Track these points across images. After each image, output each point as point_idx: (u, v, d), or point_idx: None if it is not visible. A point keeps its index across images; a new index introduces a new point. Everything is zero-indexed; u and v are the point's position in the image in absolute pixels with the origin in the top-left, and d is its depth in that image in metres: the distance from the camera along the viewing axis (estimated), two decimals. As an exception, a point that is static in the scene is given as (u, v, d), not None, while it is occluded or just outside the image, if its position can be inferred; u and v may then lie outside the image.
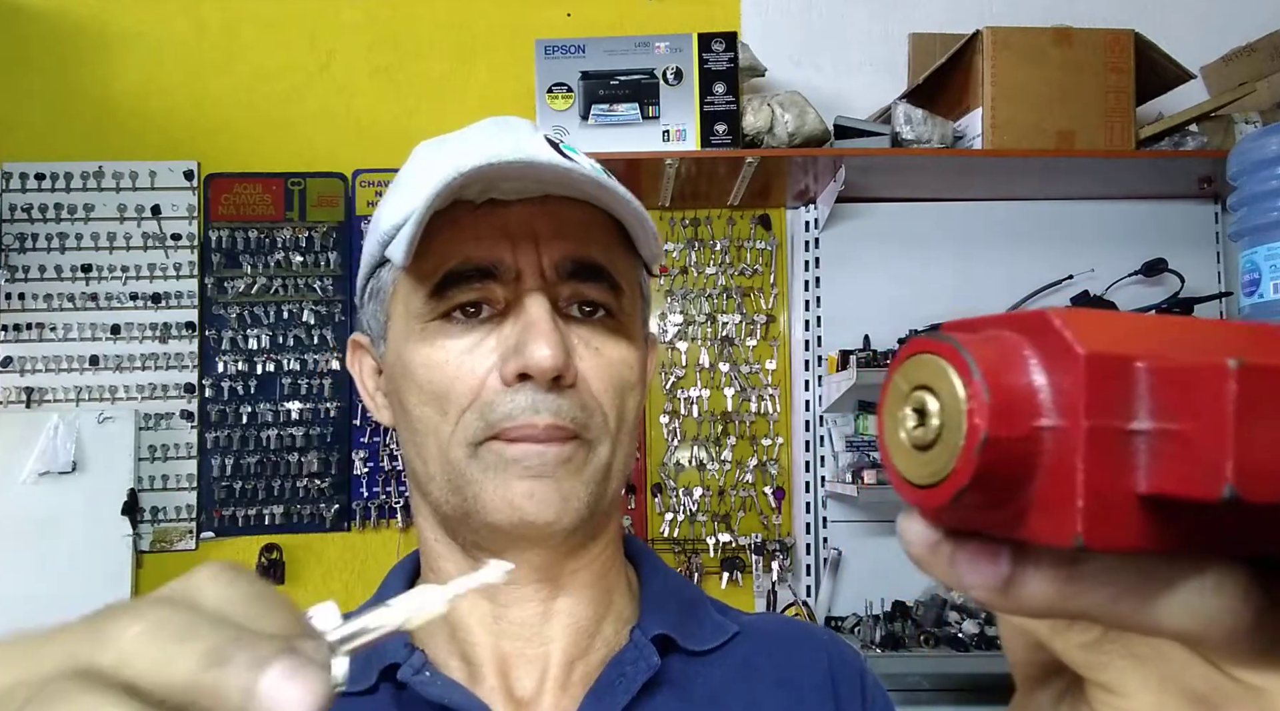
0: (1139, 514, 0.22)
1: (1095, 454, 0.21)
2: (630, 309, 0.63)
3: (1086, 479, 0.21)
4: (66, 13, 2.16)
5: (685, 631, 0.63)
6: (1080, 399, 0.22)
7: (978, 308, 2.06)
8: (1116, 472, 0.22)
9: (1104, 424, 0.22)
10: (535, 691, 0.60)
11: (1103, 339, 0.22)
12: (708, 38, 1.91)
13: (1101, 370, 0.22)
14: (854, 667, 0.67)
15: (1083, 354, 0.22)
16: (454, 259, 0.59)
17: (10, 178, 2.11)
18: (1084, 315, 0.23)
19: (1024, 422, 0.22)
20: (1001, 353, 0.23)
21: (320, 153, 2.16)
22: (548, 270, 0.59)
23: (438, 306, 0.59)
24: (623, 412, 0.61)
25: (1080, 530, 0.21)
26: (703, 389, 2.14)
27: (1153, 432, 0.21)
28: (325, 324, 2.13)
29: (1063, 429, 0.22)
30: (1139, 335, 0.22)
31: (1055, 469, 0.22)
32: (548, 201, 0.60)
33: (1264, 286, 1.51)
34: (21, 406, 2.06)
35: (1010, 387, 0.22)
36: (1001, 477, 0.22)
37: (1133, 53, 1.88)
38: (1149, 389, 0.22)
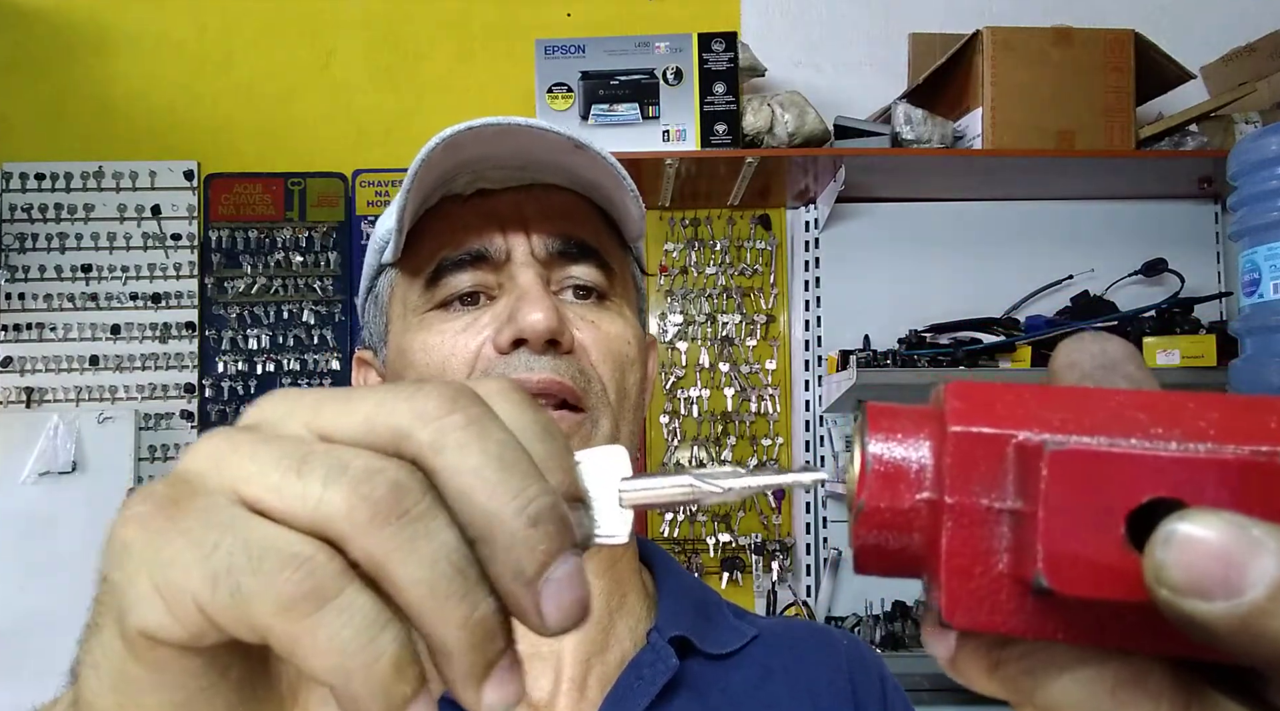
0: (1011, 596, 0.21)
1: (961, 531, 0.21)
2: (623, 293, 0.64)
3: (948, 556, 0.21)
4: (66, 13, 2.16)
5: (703, 634, 0.62)
6: (945, 475, 0.21)
7: (978, 308, 2.06)
8: (986, 552, 0.21)
9: (969, 501, 0.21)
10: (551, 693, 0.59)
11: (986, 413, 0.22)
12: (708, 38, 1.91)
13: (970, 446, 0.21)
14: (874, 671, 0.67)
15: (951, 431, 0.21)
16: (446, 247, 0.60)
17: (10, 178, 2.11)
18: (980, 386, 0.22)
19: (903, 496, 0.22)
20: (904, 425, 0.23)
21: (320, 153, 2.16)
22: (538, 250, 0.60)
23: (434, 296, 0.60)
24: (623, 387, 0.61)
25: (942, 606, 0.21)
26: (703, 389, 2.14)
27: (1013, 512, 0.21)
28: (325, 324, 2.13)
29: (935, 503, 0.22)
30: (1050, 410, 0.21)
31: (931, 543, 0.22)
32: (535, 188, 0.61)
33: (1264, 286, 1.51)
34: (21, 406, 2.06)
35: (893, 461, 0.22)
36: (889, 548, 0.23)
37: (1133, 53, 1.88)
38: (1015, 467, 0.21)
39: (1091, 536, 0.19)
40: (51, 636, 1.93)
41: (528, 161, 0.60)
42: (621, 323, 0.62)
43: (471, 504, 0.22)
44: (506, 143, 0.58)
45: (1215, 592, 0.17)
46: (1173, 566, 0.18)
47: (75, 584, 1.96)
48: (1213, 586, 0.17)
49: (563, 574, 0.22)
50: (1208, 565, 0.17)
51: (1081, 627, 0.21)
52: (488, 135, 0.56)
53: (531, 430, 0.24)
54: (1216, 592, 0.17)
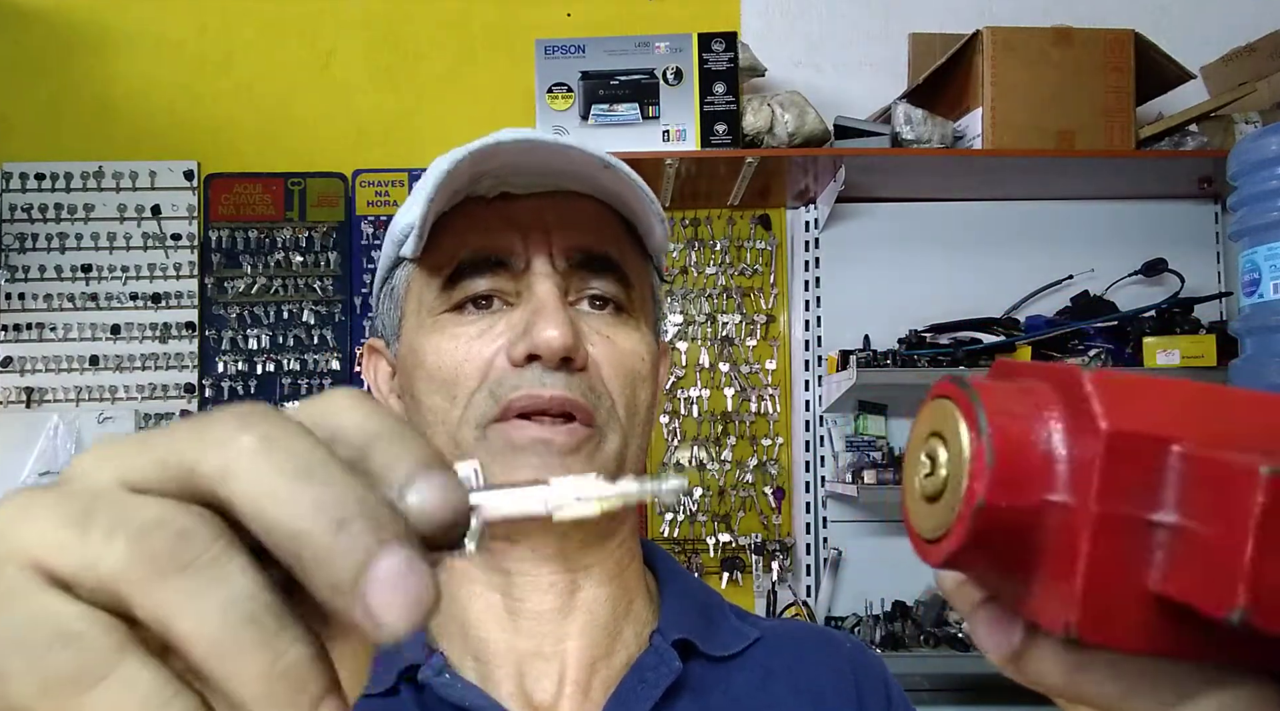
0: (1148, 612, 0.19)
1: (1104, 541, 0.19)
2: (640, 305, 0.63)
3: (1089, 567, 0.19)
4: (66, 13, 2.16)
5: (706, 636, 0.62)
6: (1095, 479, 0.19)
7: (978, 308, 2.06)
8: (1126, 565, 0.19)
9: (1119, 511, 0.19)
10: (554, 695, 0.59)
11: (1136, 413, 0.19)
12: (708, 38, 1.91)
13: (1125, 450, 0.19)
14: (878, 675, 0.67)
15: (1105, 429, 0.19)
16: (465, 250, 0.59)
17: (10, 178, 2.11)
18: (1125, 381, 0.20)
19: (1030, 494, 0.20)
20: (1022, 411, 0.21)
21: (320, 153, 2.16)
22: (557, 260, 0.59)
23: (450, 297, 0.60)
24: (633, 403, 0.60)
25: (1073, 620, 0.19)
26: (703, 389, 2.14)
27: (1174, 527, 0.19)
28: (325, 324, 2.13)
29: (1073, 507, 0.20)
30: (1184, 410, 0.20)
31: (1060, 549, 0.20)
32: (558, 195, 0.61)
33: (1264, 286, 1.51)
34: (21, 406, 2.06)
35: (1019, 453, 0.20)
36: (999, 546, 0.21)
37: (1133, 53, 1.88)
38: (1178, 478, 0.19)
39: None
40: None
41: (553, 171, 0.60)
42: (636, 337, 0.61)
43: (270, 526, 0.20)
44: (535, 156, 0.58)
45: None
46: None
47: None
48: None
49: (386, 571, 0.20)
50: None
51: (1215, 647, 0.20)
52: (516, 149, 0.56)
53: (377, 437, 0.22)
54: None
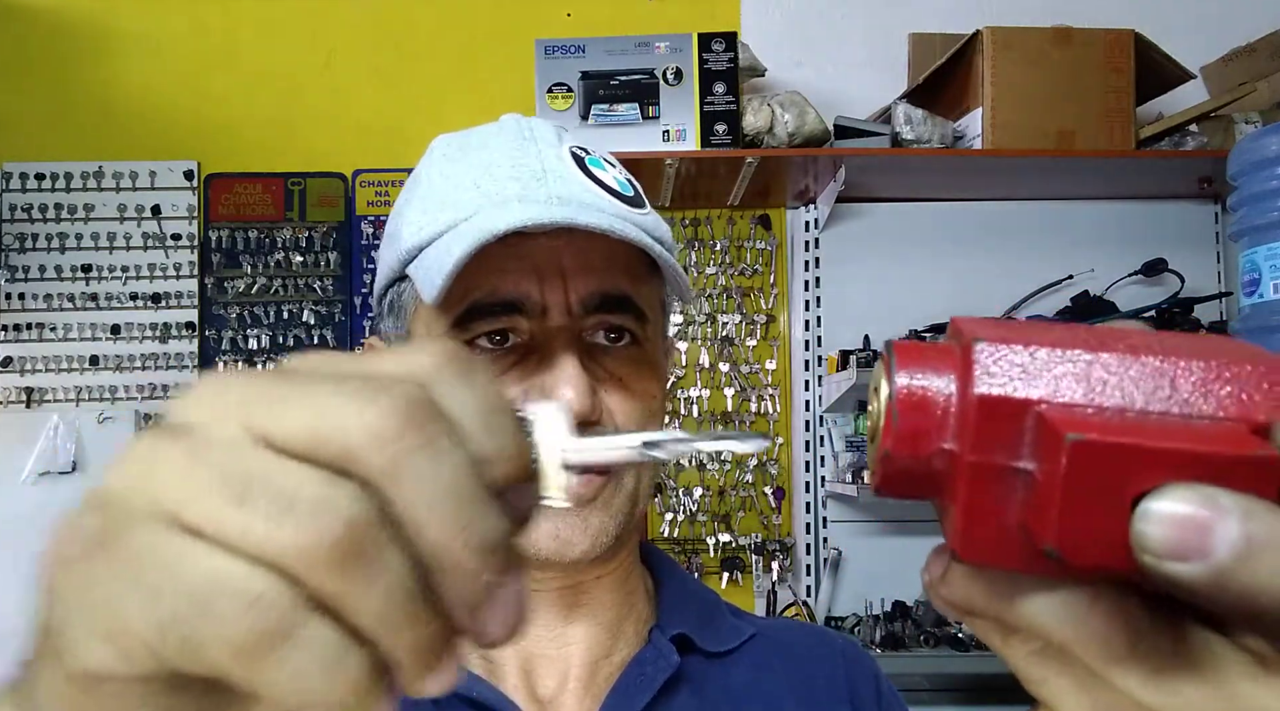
0: (1017, 538, 0.23)
1: (978, 484, 0.23)
2: (654, 334, 0.63)
3: (966, 506, 0.23)
4: (66, 13, 2.16)
5: (703, 632, 0.64)
6: (970, 434, 0.23)
7: (978, 308, 2.06)
8: (996, 501, 0.23)
9: (988, 460, 0.23)
10: (557, 691, 0.60)
11: (1008, 377, 0.23)
12: (708, 38, 1.91)
13: (993, 411, 0.23)
14: (870, 672, 0.68)
15: (976, 395, 0.23)
16: (478, 291, 0.58)
17: (10, 178, 2.11)
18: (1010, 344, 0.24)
19: (926, 445, 0.24)
20: (925, 373, 0.25)
21: (320, 153, 2.16)
22: (574, 305, 0.58)
23: (461, 336, 0.58)
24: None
25: (956, 546, 0.24)
26: (703, 389, 2.14)
27: (1029, 473, 0.23)
28: (325, 324, 2.13)
29: (956, 454, 0.24)
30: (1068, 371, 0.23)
31: (950, 486, 0.24)
32: (574, 233, 0.59)
33: (1264, 286, 1.51)
34: (21, 406, 2.06)
35: (917, 411, 0.24)
36: (907, 484, 0.25)
37: (1133, 53, 1.88)
38: (1033, 434, 0.23)
39: (1101, 517, 0.21)
40: (51, 636, 1.94)
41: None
42: (649, 376, 0.61)
43: (424, 536, 0.21)
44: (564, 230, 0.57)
45: (1189, 554, 0.20)
46: (1152, 536, 0.20)
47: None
48: (1186, 549, 0.20)
49: (505, 597, 0.22)
50: (1181, 533, 0.20)
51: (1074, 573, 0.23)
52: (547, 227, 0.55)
53: (480, 422, 0.23)
54: (1190, 554, 0.20)
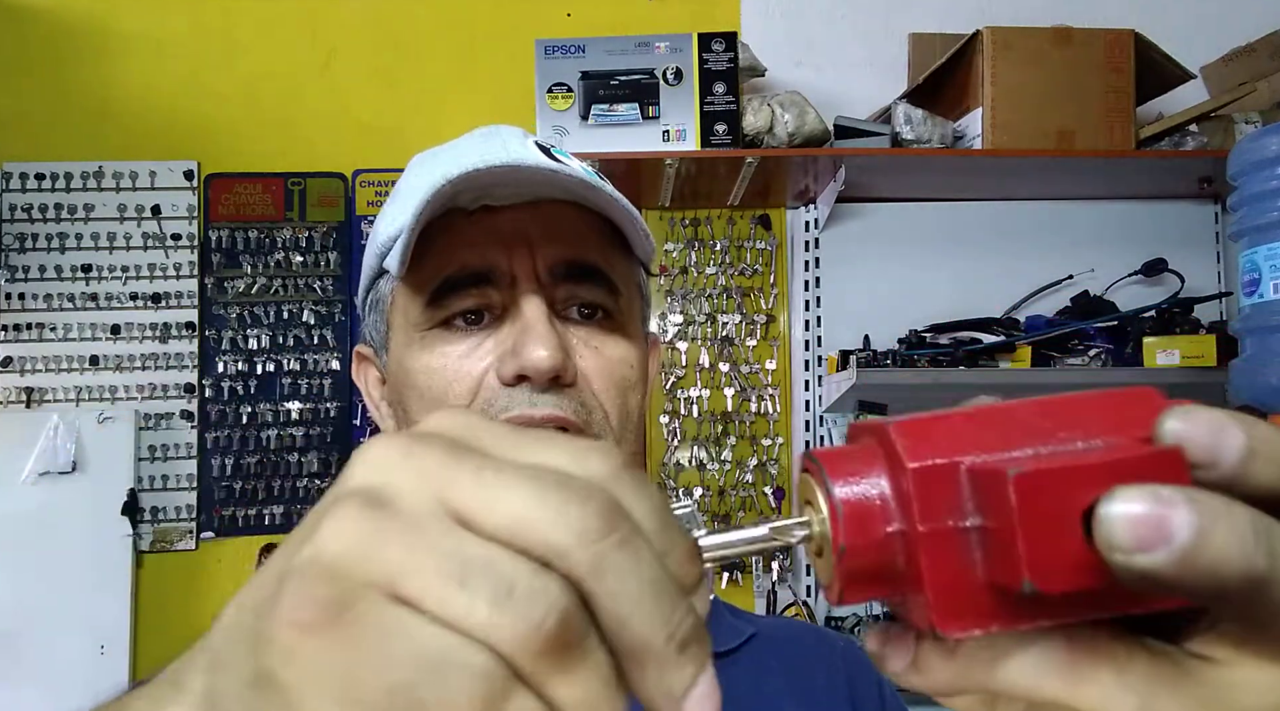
0: (988, 599, 0.24)
1: (936, 553, 0.24)
2: (628, 309, 0.63)
3: (931, 576, 0.24)
4: (66, 13, 2.16)
5: None
6: (914, 506, 0.24)
7: (978, 308, 2.06)
8: (959, 566, 0.24)
9: (939, 526, 0.24)
10: None
11: (932, 446, 0.24)
12: (708, 38, 1.91)
13: (929, 478, 0.24)
14: (871, 673, 0.67)
15: (910, 467, 0.24)
16: (449, 266, 0.59)
17: (10, 178, 2.11)
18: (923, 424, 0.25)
19: (875, 530, 0.25)
20: (857, 468, 0.26)
21: (320, 153, 2.16)
22: (542, 273, 0.59)
23: (436, 314, 0.59)
24: (625, 411, 0.61)
25: (935, 621, 0.24)
26: (703, 389, 2.14)
27: (980, 528, 0.24)
28: (325, 324, 2.13)
29: (907, 532, 0.25)
30: (975, 434, 0.25)
31: (910, 567, 0.25)
32: (541, 206, 0.60)
33: (1264, 286, 1.51)
34: (21, 406, 2.06)
35: (861, 502, 0.25)
36: (870, 578, 0.25)
37: (1133, 53, 1.88)
38: (970, 490, 0.24)
39: (1060, 538, 0.22)
40: (50, 636, 1.94)
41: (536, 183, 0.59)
42: (625, 345, 0.61)
43: (628, 630, 0.23)
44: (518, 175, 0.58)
45: (1155, 545, 0.22)
46: (1117, 533, 0.22)
47: (75, 584, 1.97)
48: (1151, 540, 0.22)
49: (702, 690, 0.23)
50: (1141, 526, 0.22)
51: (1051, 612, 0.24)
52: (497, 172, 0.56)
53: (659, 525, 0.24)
54: (1156, 544, 0.22)
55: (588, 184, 0.57)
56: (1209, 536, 0.22)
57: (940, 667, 0.26)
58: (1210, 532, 0.22)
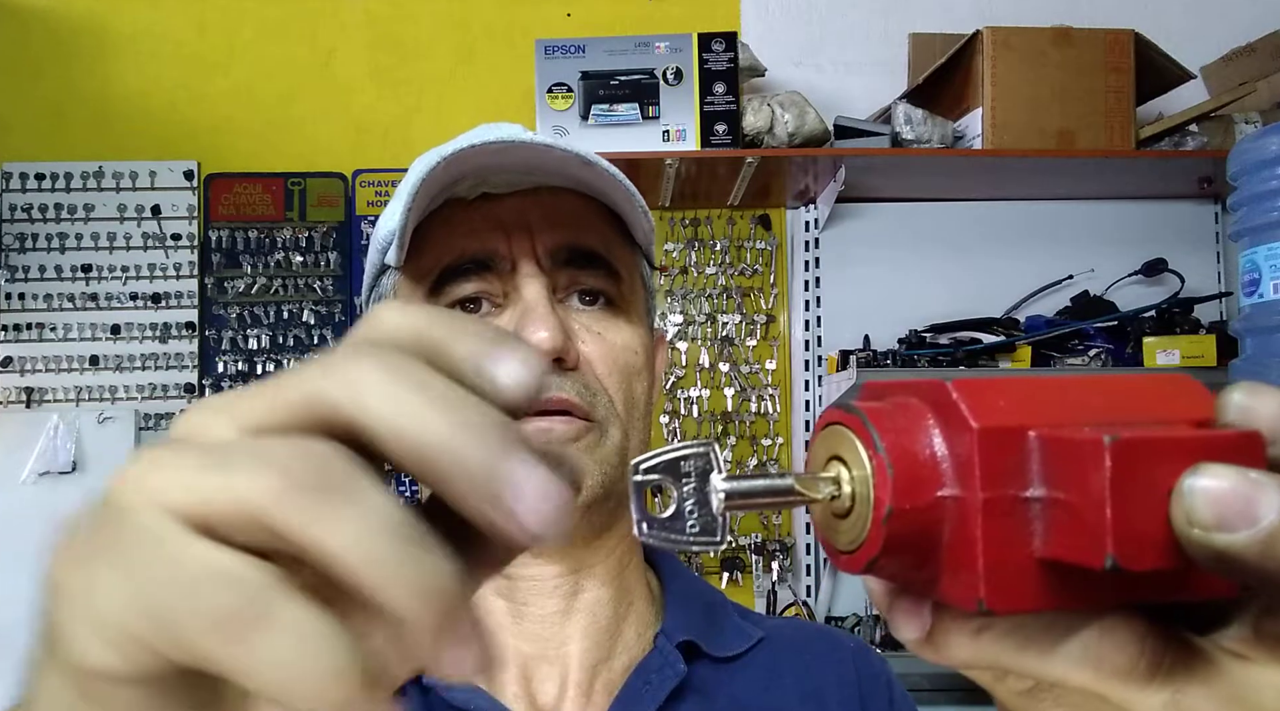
0: (1037, 576, 0.23)
1: (993, 523, 0.22)
2: (631, 296, 0.63)
3: (986, 547, 0.22)
4: (66, 13, 2.16)
5: (710, 637, 0.62)
6: (976, 471, 0.23)
7: (978, 308, 2.06)
8: (1014, 539, 0.23)
9: (999, 494, 0.23)
10: (557, 698, 0.58)
11: (997, 410, 0.23)
12: (708, 38, 1.91)
13: (995, 442, 0.23)
14: (881, 676, 0.66)
15: (976, 427, 0.23)
16: (449, 255, 0.59)
17: (10, 178, 2.11)
18: (982, 386, 0.23)
19: (926, 493, 0.23)
20: (905, 425, 0.24)
21: (320, 153, 2.16)
22: (543, 258, 0.59)
23: (437, 302, 0.59)
24: (631, 397, 0.60)
25: (982, 596, 0.22)
26: (703, 389, 2.14)
27: (1045, 500, 0.23)
28: (325, 324, 2.13)
29: (962, 498, 0.23)
30: (1034, 402, 0.23)
31: (958, 536, 0.23)
32: (540, 192, 0.60)
33: (1264, 286, 1.51)
34: (21, 406, 2.06)
35: (912, 460, 0.23)
36: (910, 545, 0.24)
37: (1133, 53, 1.88)
38: (1040, 458, 0.23)
39: (1146, 515, 0.22)
40: (51, 636, 1.93)
41: (533, 168, 0.59)
42: (629, 331, 0.61)
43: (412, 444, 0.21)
44: (512, 155, 0.57)
45: (1239, 524, 0.21)
46: (1200, 509, 0.21)
47: (75, 584, 1.97)
48: (1236, 520, 0.21)
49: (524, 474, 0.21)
50: (1228, 504, 0.21)
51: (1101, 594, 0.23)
52: (491, 151, 0.56)
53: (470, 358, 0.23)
54: (1240, 524, 0.21)
55: (583, 160, 0.57)
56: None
57: (962, 644, 0.25)
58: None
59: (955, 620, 0.25)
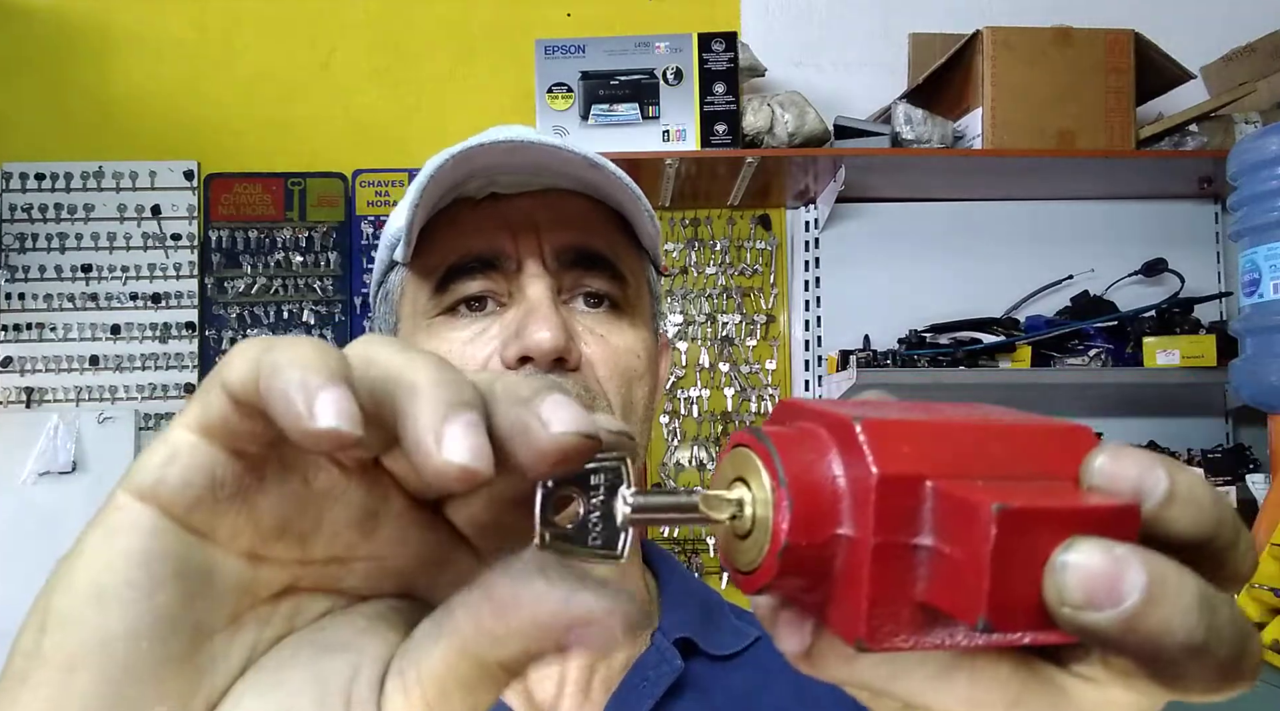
0: (916, 617, 0.23)
1: (881, 567, 0.23)
2: (636, 300, 0.63)
3: (871, 588, 0.23)
4: (66, 13, 2.16)
5: (707, 635, 0.62)
6: (871, 515, 0.23)
7: (978, 308, 2.06)
8: (899, 582, 0.23)
9: (890, 539, 0.23)
10: (555, 695, 0.58)
11: (899, 457, 0.23)
12: (708, 38, 1.91)
13: (892, 490, 0.23)
14: None
15: (876, 474, 0.23)
16: (456, 253, 0.59)
17: (10, 178, 2.11)
18: (887, 429, 0.24)
19: (822, 531, 0.24)
20: (809, 459, 0.24)
21: (320, 153, 2.16)
22: (549, 259, 0.59)
23: (442, 301, 0.59)
24: (630, 400, 0.60)
25: (862, 635, 0.23)
26: (703, 389, 2.14)
27: (933, 550, 0.23)
28: (325, 324, 2.13)
29: (855, 539, 0.23)
30: (936, 448, 0.24)
31: (847, 573, 0.24)
32: (549, 194, 0.60)
33: (1264, 286, 1.51)
34: (21, 406, 2.06)
35: (812, 496, 0.24)
36: (802, 575, 0.24)
37: (1133, 53, 1.88)
38: (932, 509, 0.23)
39: (1022, 582, 0.22)
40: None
41: (541, 169, 0.59)
42: (631, 335, 0.61)
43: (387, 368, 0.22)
44: (520, 155, 0.57)
45: (1105, 603, 0.21)
46: (1070, 587, 0.21)
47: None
48: (1101, 599, 0.21)
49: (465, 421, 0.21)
50: (1094, 582, 0.21)
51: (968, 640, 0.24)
52: (499, 150, 0.56)
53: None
54: (1105, 603, 0.21)
55: (590, 162, 0.57)
56: (1156, 603, 0.21)
57: (838, 667, 0.26)
58: (1158, 599, 0.21)
59: (833, 642, 0.26)
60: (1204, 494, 0.24)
